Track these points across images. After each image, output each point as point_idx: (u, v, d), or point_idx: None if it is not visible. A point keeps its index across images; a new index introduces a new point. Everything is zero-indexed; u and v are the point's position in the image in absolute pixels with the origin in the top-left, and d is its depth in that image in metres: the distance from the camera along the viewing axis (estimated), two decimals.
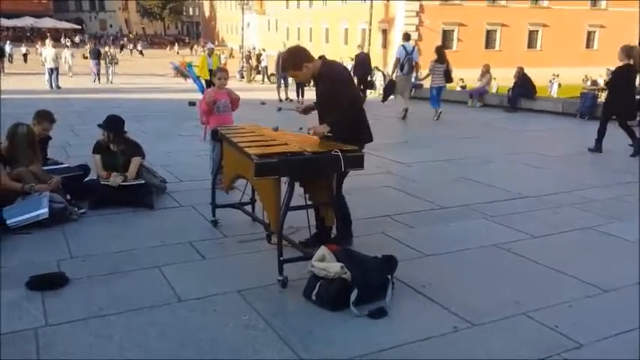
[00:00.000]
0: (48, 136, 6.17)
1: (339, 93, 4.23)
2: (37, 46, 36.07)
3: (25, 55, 36.51)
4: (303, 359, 2.95)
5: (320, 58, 4.39)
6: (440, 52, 13.36)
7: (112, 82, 23.76)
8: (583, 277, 4.02)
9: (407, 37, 13.74)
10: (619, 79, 9.02)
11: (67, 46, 25.30)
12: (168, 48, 64.41)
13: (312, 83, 4.49)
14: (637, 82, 9.22)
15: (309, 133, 4.23)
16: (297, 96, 16.88)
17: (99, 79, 23.77)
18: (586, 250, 4.67)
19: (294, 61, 4.29)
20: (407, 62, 12.86)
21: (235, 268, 4.15)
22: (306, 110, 4.64)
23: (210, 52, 17.01)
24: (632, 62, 8.79)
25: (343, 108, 4.22)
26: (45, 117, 5.95)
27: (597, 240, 4.92)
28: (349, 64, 18.43)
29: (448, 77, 13.31)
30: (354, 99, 4.44)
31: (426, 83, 15.32)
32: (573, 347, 3.09)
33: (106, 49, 28.25)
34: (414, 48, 13.17)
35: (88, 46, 30.13)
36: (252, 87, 23.24)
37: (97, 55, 24.01)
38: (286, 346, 3.06)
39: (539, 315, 3.44)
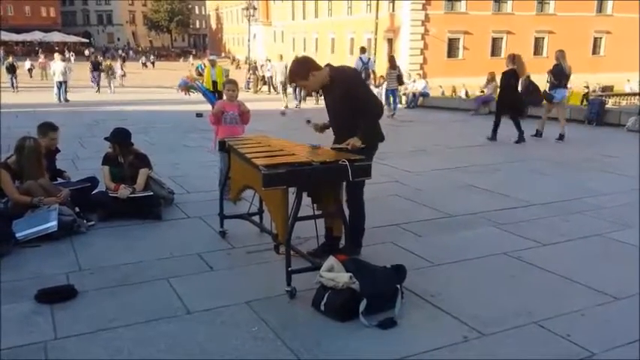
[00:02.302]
0: (57, 149, 6.21)
1: (360, 96, 4.24)
2: (40, 60, 36.23)
3: (30, 70, 36.44)
4: None
5: (326, 66, 4.40)
6: (392, 60, 16.25)
7: (114, 92, 24.99)
8: (594, 284, 3.98)
9: (363, 50, 16.68)
10: (506, 81, 10.75)
11: (64, 59, 24.94)
12: (182, 59, 62.56)
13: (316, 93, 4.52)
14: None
15: (347, 148, 4.16)
16: (298, 102, 18.83)
17: (99, 90, 24.81)
18: (596, 257, 4.63)
19: (300, 70, 4.31)
20: (364, 71, 14.80)
21: (243, 279, 4.14)
22: (322, 129, 4.63)
23: (213, 63, 17.25)
24: (515, 68, 10.58)
25: (371, 111, 4.28)
26: (48, 127, 5.99)
27: (607, 247, 4.87)
28: None
29: (400, 81, 16.23)
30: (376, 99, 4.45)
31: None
32: (586, 356, 3.06)
33: (108, 62, 29.35)
34: (369, 59, 15.74)
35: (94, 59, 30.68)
36: (259, 97, 23.29)
37: (96, 67, 25.34)
38: (295, 358, 3.04)
39: (551, 324, 3.40)
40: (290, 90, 19.23)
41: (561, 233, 5.17)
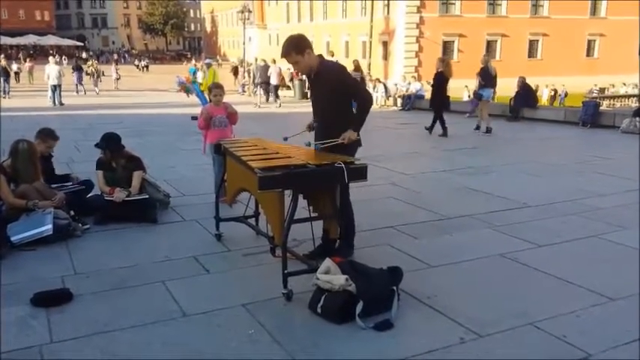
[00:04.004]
0: (50, 155, 6.17)
1: (351, 83, 4.26)
2: (27, 63, 36.00)
3: (16, 74, 35.97)
4: None
5: (319, 56, 4.38)
6: (356, 63, 18.22)
7: (99, 94, 25.75)
8: (590, 285, 3.99)
9: (332, 53, 20.17)
10: (436, 82, 12.26)
11: (58, 63, 24.45)
12: (185, 63, 60.32)
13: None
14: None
15: (343, 142, 4.17)
16: (267, 99, 21.38)
17: (80, 91, 25.58)
18: (592, 258, 4.64)
19: (296, 45, 4.20)
20: None
21: (240, 282, 4.13)
22: (310, 127, 4.62)
23: (208, 66, 18.62)
24: (444, 70, 11.96)
25: (364, 97, 4.30)
26: (49, 135, 5.97)
27: (603, 248, 4.89)
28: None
29: (363, 83, 17.49)
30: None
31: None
32: (582, 357, 3.07)
33: (94, 64, 30.13)
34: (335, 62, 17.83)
35: (89, 62, 30.95)
36: (253, 100, 23.22)
37: (78, 69, 26.33)
38: None
39: (547, 325, 3.41)
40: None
41: (557, 235, 5.18)
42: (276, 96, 21.77)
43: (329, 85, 4.26)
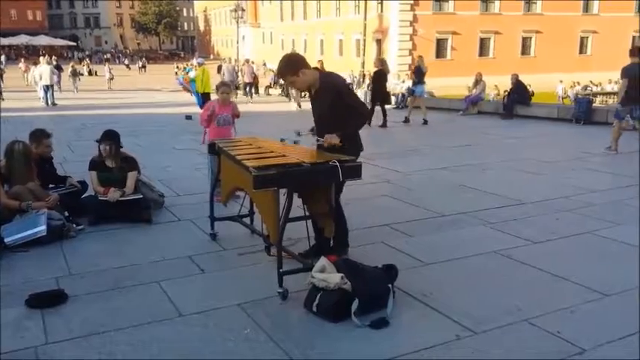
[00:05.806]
0: (51, 156, 6.09)
1: (352, 102, 4.23)
2: (20, 65, 35.69)
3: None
4: None
5: (316, 69, 4.38)
6: (321, 65, 20.92)
7: (77, 92, 26.80)
8: (584, 281, 4.01)
9: (321, 63, 20.88)
10: (375, 79, 13.75)
11: (50, 63, 23.93)
12: (176, 64, 59.45)
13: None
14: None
15: (322, 144, 4.18)
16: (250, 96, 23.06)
17: (59, 89, 25.89)
18: (586, 254, 4.67)
19: (291, 66, 4.23)
20: None
21: (235, 281, 4.13)
22: (313, 130, 4.60)
23: (200, 65, 19.09)
24: (383, 68, 13.45)
25: (360, 117, 4.27)
26: (41, 134, 5.86)
27: (597, 244, 4.91)
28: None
29: None
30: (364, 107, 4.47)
31: None
32: (576, 352, 3.08)
33: (72, 64, 30.60)
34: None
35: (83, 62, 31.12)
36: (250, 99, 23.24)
37: (57, 68, 26.95)
38: (288, 359, 3.04)
39: (541, 321, 3.43)
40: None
41: (551, 231, 5.21)
42: (250, 93, 23.88)
43: (329, 100, 4.23)
